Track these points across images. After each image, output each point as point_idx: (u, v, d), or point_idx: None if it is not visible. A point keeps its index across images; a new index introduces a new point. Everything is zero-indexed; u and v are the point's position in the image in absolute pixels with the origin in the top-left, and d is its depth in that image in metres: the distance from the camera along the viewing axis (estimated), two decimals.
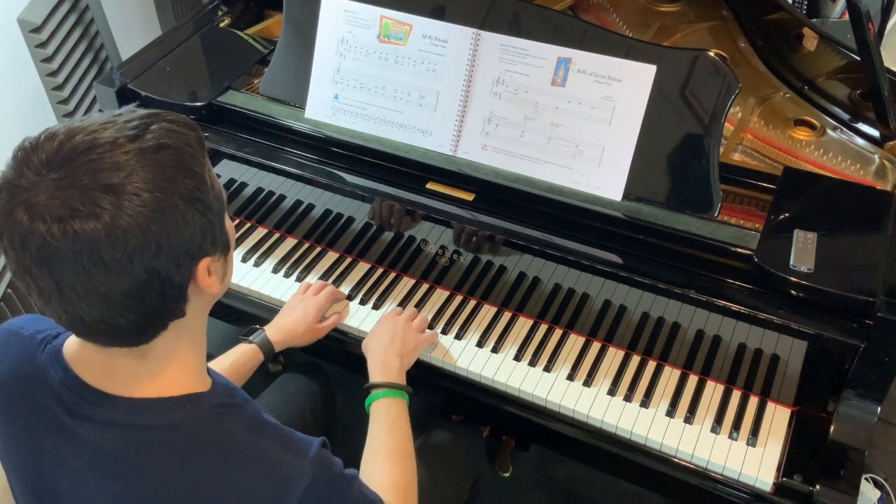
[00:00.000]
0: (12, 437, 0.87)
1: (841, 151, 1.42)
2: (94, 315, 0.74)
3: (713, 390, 1.29)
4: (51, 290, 0.72)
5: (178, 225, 0.73)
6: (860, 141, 1.44)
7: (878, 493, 1.77)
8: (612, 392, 1.29)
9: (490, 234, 1.32)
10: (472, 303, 1.44)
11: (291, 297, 1.41)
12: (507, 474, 1.58)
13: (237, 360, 1.26)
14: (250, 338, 1.30)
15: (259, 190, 1.53)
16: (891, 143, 1.40)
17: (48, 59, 1.94)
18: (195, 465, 0.80)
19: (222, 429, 0.82)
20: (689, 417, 1.25)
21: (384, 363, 1.24)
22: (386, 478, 1.06)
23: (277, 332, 1.32)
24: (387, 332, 1.30)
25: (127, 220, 0.70)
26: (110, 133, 0.72)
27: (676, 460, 1.23)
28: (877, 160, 1.40)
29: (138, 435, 0.80)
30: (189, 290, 0.79)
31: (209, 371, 0.89)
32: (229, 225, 0.84)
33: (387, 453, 1.11)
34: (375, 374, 1.23)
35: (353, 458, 1.12)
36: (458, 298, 1.45)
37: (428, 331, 1.37)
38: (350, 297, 1.45)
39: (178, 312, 0.79)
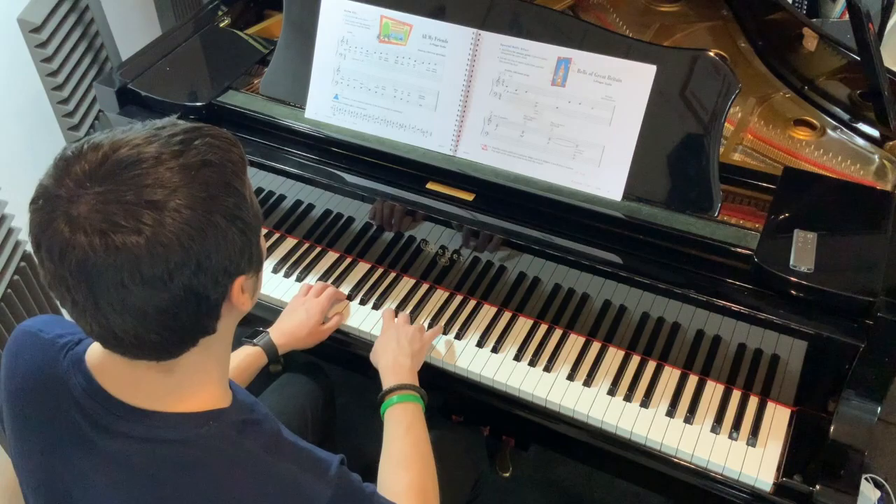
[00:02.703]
0: (27, 440, 0.86)
1: (841, 151, 1.42)
2: (127, 330, 0.73)
3: (713, 390, 1.29)
4: (87, 303, 0.71)
5: (218, 243, 0.73)
6: (860, 141, 1.44)
7: (878, 493, 1.77)
8: (612, 392, 1.29)
9: (490, 234, 1.32)
10: (472, 303, 1.44)
11: (292, 299, 1.41)
12: (507, 474, 1.59)
13: (241, 363, 1.26)
14: (255, 340, 1.30)
15: (259, 190, 1.52)
16: (891, 143, 1.40)
17: (48, 59, 1.94)
18: (214, 483, 0.79)
19: (242, 447, 0.81)
20: (689, 417, 1.25)
21: (394, 367, 1.23)
22: (403, 485, 1.05)
23: (281, 335, 1.32)
24: (391, 338, 1.29)
25: (168, 236, 0.69)
26: (154, 148, 0.72)
27: (676, 460, 1.23)
28: (877, 160, 1.40)
29: (159, 449, 0.79)
30: (223, 308, 0.78)
31: (230, 384, 0.88)
32: (262, 242, 0.84)
33: (403, 459, 1.10)
34: (388, 380, 1.22)
35: (354, 458, 1.12)
36: (458, 298, 1.45)
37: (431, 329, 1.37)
38: (350, 297, 1.45)
39: (210, 329, 0.79)
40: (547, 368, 1.33)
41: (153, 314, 0.72)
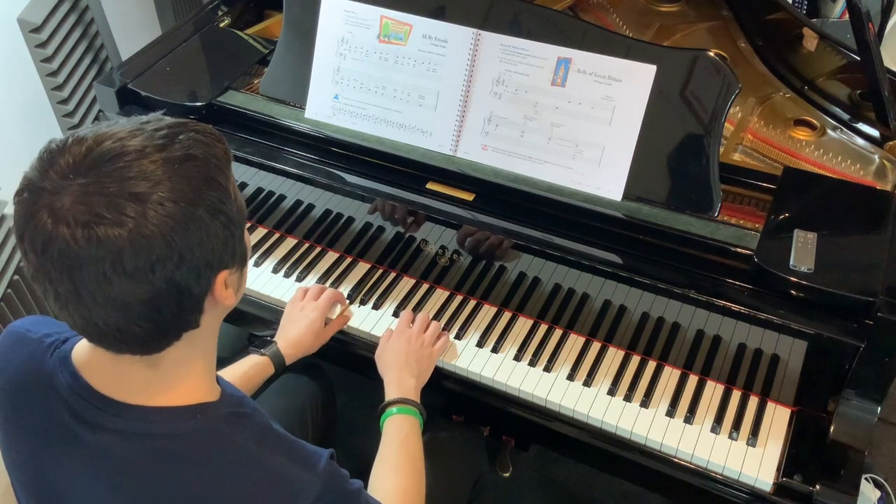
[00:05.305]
0: (17, 441, 0.86)
1: (841, 151, 1.42)
2: (109, 322, 0.73)
3: (713, 390, 1.29)
4: (69, 296, 0.72)
5: (201, 236, 0.73)
6: (860, 141, 1.44)
7: (878, 493, 1.77)
8: (612, 392, 1.29)
9: (490, 234, 1.32)
10: (472, 303, 1.44)
11: (289, 305, 1.39)
12: (507, 474, 1.58)
13: (248, 371, 1.26)
14: (263, 350, 1.29)
15: (259, 190, 1.53)
16: (891, 143, 1.40)
17: (48, 59, 1.94)
18: (203, 477, 0.79)
19: (231, 440, 0.82)
20: (689, 417, 1.25)
21: (399, 383, 1.24)
22: (393, 488, 1.06)
23: (288, 345, 1.32)
24: (401, 350, 1.29)
25: (151, 229, 0.69)
26: (139, 141, 0.72)
27: (676, 460, 1.23)
28: (877, 160, 1.40)
29: (147, 444, 0.80)
30: (206, 302, 0.79)
31: (218, 379, 0.89)
32: (247, 237, 0.84)
33: (395, 465, 1.11)
34: (391, 392, 1.23)
35: (353, 457, 1.12)
36: (458, 298, 1.45)
37: (441, 337, 1.36)
38: (350, 298, 1.45)
39: (193, 323, 0.79)
40: (547, 368, 1.33)
41: (135, 306, 0.72)
